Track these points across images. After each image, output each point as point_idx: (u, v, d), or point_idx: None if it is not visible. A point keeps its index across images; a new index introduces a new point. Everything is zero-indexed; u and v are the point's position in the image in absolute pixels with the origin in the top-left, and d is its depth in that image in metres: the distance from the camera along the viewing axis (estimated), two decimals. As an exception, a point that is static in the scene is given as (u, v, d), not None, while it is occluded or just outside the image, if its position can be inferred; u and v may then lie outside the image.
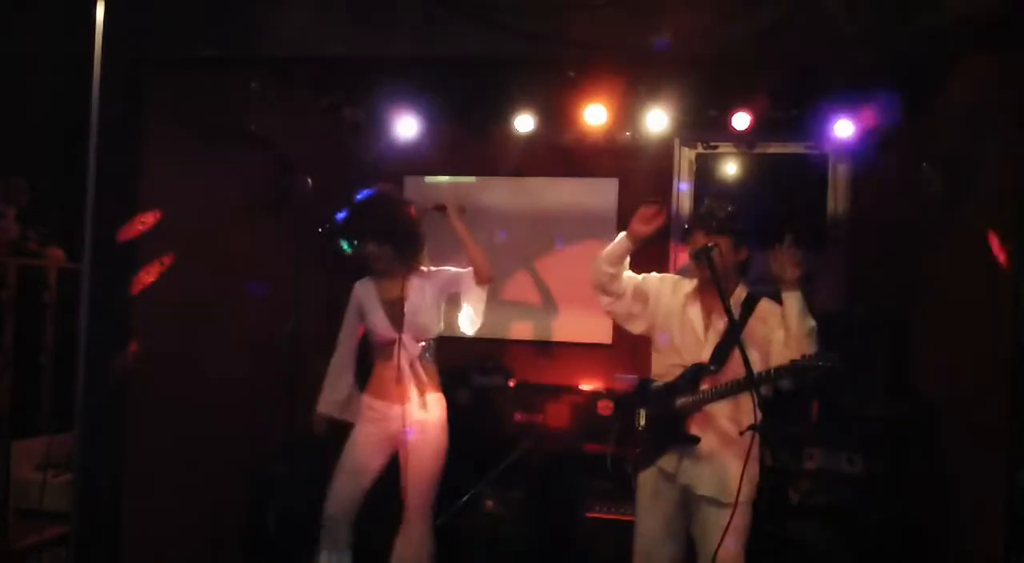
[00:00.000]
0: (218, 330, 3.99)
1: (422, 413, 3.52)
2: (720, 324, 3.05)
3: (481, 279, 3.55)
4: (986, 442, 3.18)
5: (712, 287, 2.97)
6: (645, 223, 3.09)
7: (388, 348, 3.55)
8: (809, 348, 2.89)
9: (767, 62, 3.71)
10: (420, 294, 3.56)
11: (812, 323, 2.95)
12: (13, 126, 5.18)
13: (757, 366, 2.86)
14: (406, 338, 3.52)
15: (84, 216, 3.55)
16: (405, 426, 3.49)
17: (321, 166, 4.44)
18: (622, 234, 3.15)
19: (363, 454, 3.54)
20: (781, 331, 2.99)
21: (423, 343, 3.56)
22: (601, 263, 3.19)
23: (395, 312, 3.52)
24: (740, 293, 3.11)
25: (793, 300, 2.96)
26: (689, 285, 3.20)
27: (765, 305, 3.06)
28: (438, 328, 3.63)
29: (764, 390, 2.91)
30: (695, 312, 3.13)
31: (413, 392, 3.52)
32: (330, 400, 3.66)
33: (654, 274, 3.29)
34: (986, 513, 3.14)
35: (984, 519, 3.16)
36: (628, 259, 3.21)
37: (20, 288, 4.49)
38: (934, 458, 3.74)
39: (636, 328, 3.27)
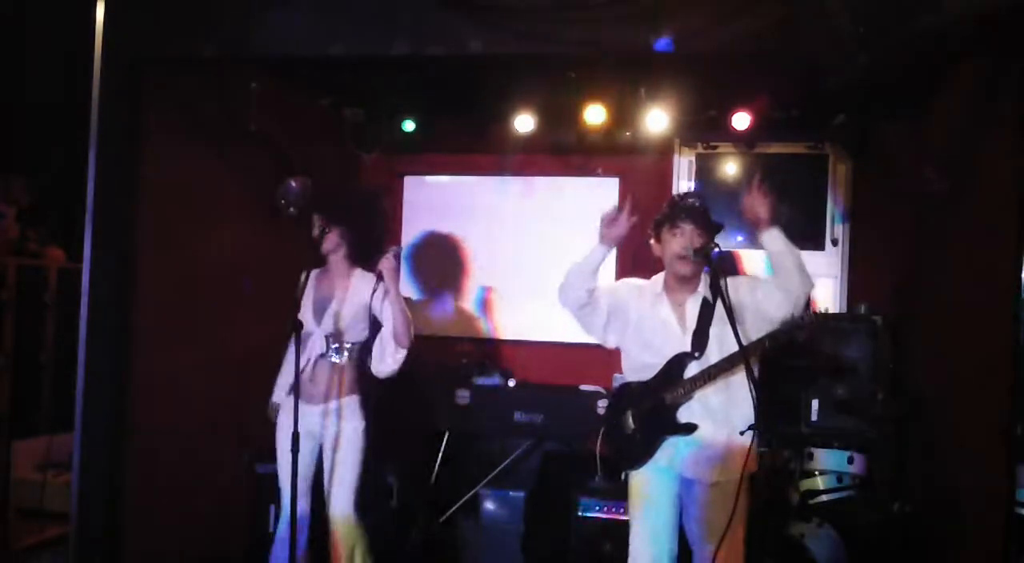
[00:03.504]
0: (218, 330, 3.99)
1: (336, 418, 3.46)
2: (692, 312, 3.08)
3: (399, 344, 3.46)
4: (986, 442, 3.18)
5: (675, 281, 3.08)
6: (610, 226, 3.11)
7: (306, 343, 3.44)
8: (802, 282, 2.93)
9: (767, 62, 3.70)
10: (354, 295, 3.49)
11: (798, 254, 2.97)
12: (13, 126, 5.18)
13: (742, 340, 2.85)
14: (324, 335, 3.47)
15: (84, 216, 3.55)
16: (320, 428, 3.46)
17: (321, 166, 4.44)
18: (595, 244, 3.13)
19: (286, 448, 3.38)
20: (761, 287, 3.02)
21: (341, 344, 3.49)
22: (575, 279, 3.12)
23: (322, 306, 3.49)
24: (704, 278, 3.12)
25: (774, 237, 2.98)
26: (651, 285, 3.20)
27: (732, 281, 3.01)
28: (362, 334, 3.54)
29: (755, 361, 2.94)
30: (665, 310, 3.12)
31: (329, 394, 3.47)
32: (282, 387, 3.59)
33: (617, 284, 3.32)
34: (986, 513, 3.14)
35: (984, 519, 3.16)
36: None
37: (20, 288, 4.50)
38: (934, 458, 3.74)
39: (611, 342, 3.23)
